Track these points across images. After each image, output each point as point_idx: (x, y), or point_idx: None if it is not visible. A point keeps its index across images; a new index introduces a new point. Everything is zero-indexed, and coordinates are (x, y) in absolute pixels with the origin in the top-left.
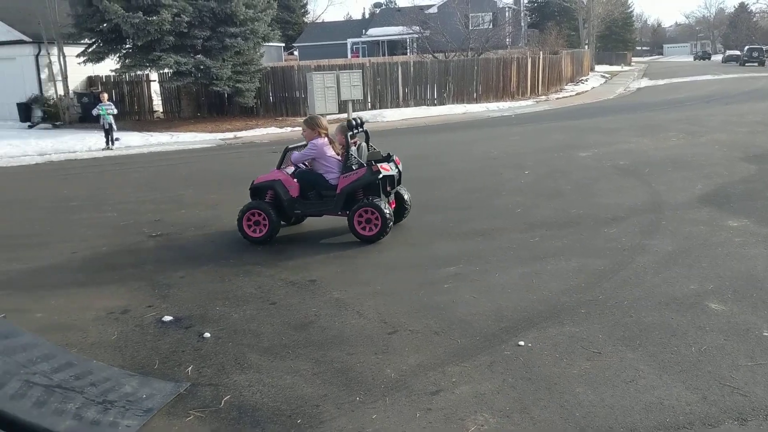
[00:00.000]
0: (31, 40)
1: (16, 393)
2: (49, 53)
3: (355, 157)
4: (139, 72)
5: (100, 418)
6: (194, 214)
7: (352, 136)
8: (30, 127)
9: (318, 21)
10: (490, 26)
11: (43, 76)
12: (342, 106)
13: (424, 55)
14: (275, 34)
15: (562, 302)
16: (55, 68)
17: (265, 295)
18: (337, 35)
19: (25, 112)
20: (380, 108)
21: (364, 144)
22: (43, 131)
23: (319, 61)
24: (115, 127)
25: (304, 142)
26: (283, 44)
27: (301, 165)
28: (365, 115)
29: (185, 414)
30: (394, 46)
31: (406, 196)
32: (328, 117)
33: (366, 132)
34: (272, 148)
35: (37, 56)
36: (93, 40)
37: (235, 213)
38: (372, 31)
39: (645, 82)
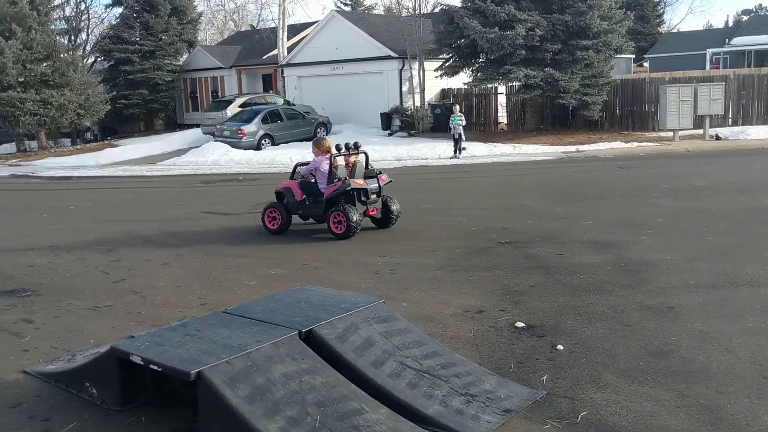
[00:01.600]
0: (397, 55)
1: (393, 372)
2: (411, 68)
3: (336, 172)
4: (488, 85)
5: (464, 408)
6: (540, 224)
7: (348, 155)
8: (389, 134)
9: (674, 31)
10: None
11: (404, 88)
12: (697, 121)
13: None
14: (628, 46)
15: None
16: (415, 81)
17: (618, 315)
18: (694, 45)
19: (386, 121)
20: (743, 124)
21: (361, 162)
22: (399, 139)
23: (674, 73)
24: (464, 137)
25: (310, 159)
26: (633, 56)
27: (308, 177)
28: (725, 131)
29: (542, 422)
30: (763, 57)
31: (393, 207)
32: (681, 133)
33: (365, 153)
34: (617, 164)
35: (400, 70)
36: (450, 55)
37: (582, 226)
38: (737, 40)
39: None
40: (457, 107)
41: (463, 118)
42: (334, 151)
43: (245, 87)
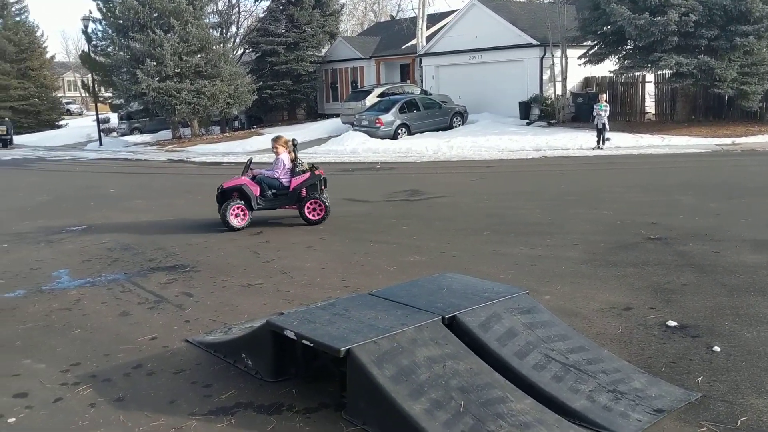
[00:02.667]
0: (538, 43)
1: (537, 364)
2: (552, 55)
3: (302, 165)
4: (636, 73)
5: (612, 405)
6: (693, 221)
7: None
8: (527, 124)
9: None
10: None
11: (545, 77)
12: None
13: None
14: None
15: None
16: (556, 69)
17: None
18: None
19: (524, 110)
20: None
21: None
22: (538, 128)
23: None
24: (608, 127)
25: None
26: None
27: (265, 172)
28: None
29: (698, 424)
30: None
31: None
32: None
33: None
34: None
35: (541, 58)
36: (595, 42)
37: (740, 223)
38: None
39: None
40: (604, 96)
41: (608, 107)
42: (290, 145)
43: (383, 77)
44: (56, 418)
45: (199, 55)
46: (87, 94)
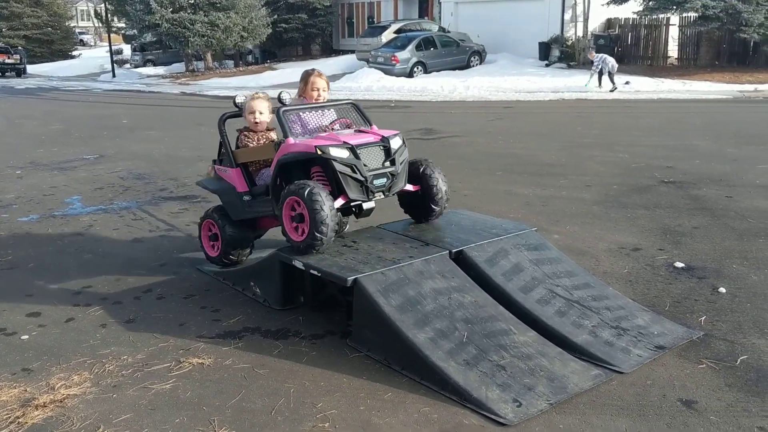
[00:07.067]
0: None
1: (541, 299)
2: None
3: None
4: (660, 15)
5: (613, 340)
6: (710, 166)
7: None
8: (546, 65)
9: None
10: None
11: (566, 17)
12: None
13: None
14: None
15: None
16: (579, 9)
17: None
18: None
19: (544, 51)
20: None
21: None
22: (557, 70)
23: None
24: (604, 72)
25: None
26: None
27: None
28: None
29: (697, 361)
30: None
31: None
32: None
33: None
34: None
35: None
36: None
37: (757, 169)
38: None
39: None
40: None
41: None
42: None
43: (401, 13)
44: (68, 336)
45: None
46: (100, 24)
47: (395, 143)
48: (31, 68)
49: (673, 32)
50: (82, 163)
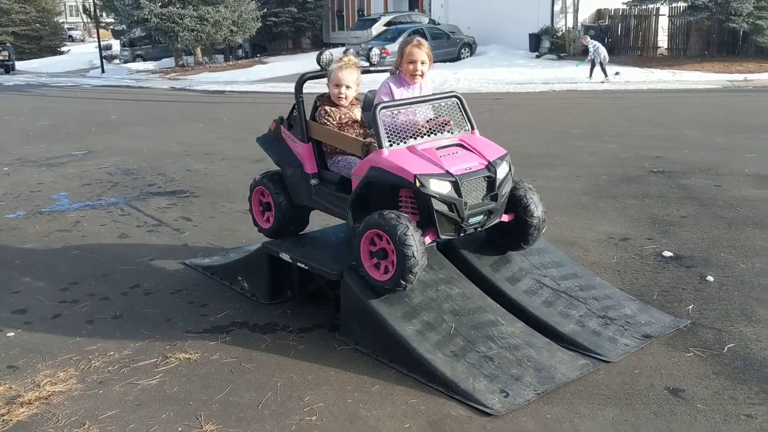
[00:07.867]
0: None
1: (529, 289)
2: None
3: None
4: (649, 5)
5: (601, 330)
6: (698, 155)
7: None
8: (537, 57)
9: None
10: None
11: (557, 8)
12: None
13: None
14: None
15: None
16: (569, 0)
17: None
18: None
19: (534, 42)
20: None
21: None
22: (547, 61)
23: None
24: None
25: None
26: None
27: None
28: None
29: (685, 349)
30: None
31: None
32: None
33: None
34: None
35: None
36: None
37: (745, 158)
38: None
39: None
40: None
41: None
42: None
43: (391, 6)
44: (54, 332)
45: None
46: (89, 20)
47: (501, 172)
48: (19, 65)
49: (663, 22)
50: (70, 159)
